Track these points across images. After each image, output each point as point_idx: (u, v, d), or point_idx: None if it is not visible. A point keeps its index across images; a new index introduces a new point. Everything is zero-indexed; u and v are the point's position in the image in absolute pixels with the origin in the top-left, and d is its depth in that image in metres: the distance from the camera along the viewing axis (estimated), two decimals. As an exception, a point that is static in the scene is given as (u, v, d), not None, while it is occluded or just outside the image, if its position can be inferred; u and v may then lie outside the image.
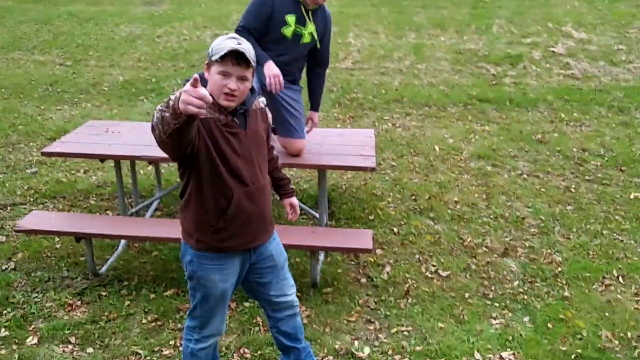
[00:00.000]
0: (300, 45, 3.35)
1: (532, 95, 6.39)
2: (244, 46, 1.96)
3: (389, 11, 9.72)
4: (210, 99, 1.67)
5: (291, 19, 3.26)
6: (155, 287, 3.29)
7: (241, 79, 1.98)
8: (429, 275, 3.45)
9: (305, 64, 3.56)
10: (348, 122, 5.78)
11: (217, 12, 9.64)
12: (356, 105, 6.20)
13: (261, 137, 2.19)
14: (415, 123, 5.76)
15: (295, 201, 2.52)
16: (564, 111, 6.00)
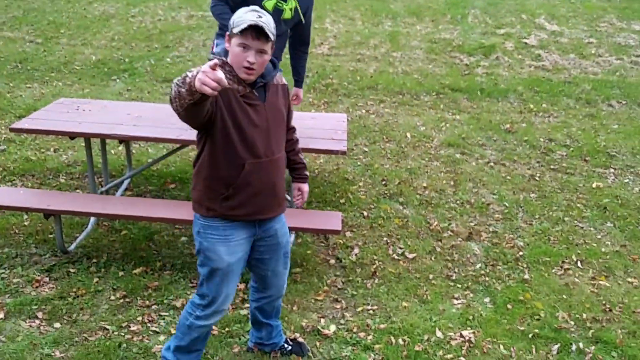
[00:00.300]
0: (280, 21, 3.32)
1: (503, 85, 6.52)
2: (264, 19, 1.97)
3: (367, -2, 9.75)
4: (225, 83, 1.70)
5: None
6: (124, 265, 3.30)
7: (260, 52, 2.00)
8: (396, 257, 3.54)
9: (285, 44, 3.56)
10: (322, 108, 5.81)
11: (194, -6, 9.54)
12: (331, 91, 6.23)
13: (280, 112, 2.21)
14: (388, 110, 5.83)
15: (305, 187, 2.51)
16: (533, 102, 6.14)
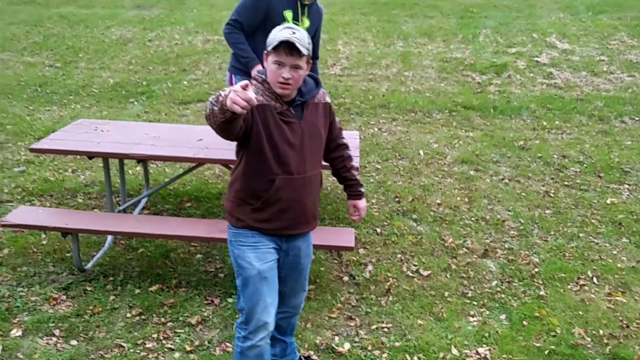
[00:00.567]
0: None
1: (516, 103, 6.53)
2: (298, 35, 2.02)
3: (378, 20, 9.86)
4: (255, 102, 1.76)
5: (289, 15, 3.34)
6: (140, 283, 3.33)
7: (295, 68, 2.05)
8: (410, 274, 3.53)
9: None
10: (335, 127, 5.85)
11: (209, 18, 9.74)
12: (343, 110, 6.29)
13: (317, 130, 2.23)
14: (401, 128, 5.86)
15: (361, 203, 2.51)
16: (546, 119, 6.14)
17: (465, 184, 4.69)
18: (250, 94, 1.74)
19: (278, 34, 2.03)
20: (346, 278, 3.47)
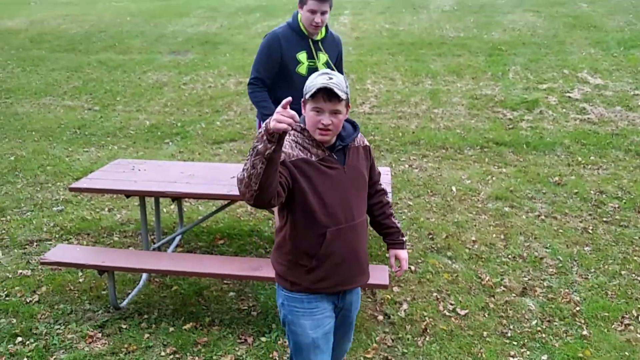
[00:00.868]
0: None
1: (549, 139, 6.44)
2: (335, 80, 2.00)
3: (406, 59, 9.96)
4: (297, 118, 1.77)
5: (302, 57, 3.38)
6: (174, 321, 3.34)
7: (334, 113, 2.03)
8: (447, 313, 3.45)
9: None
10: (366, 164, 5.86)
11: (241, 62, 9.99)
12: (373, 147, 6.31)
13: (361, 174, 2.18)
14: (431, 164, 5.84)
15: (403, 254, 2.37)
16: (581, 155, 6.03)
17: (500, 221, 4.61)
18: (292, 112, 1.74)
19: (315, 81, 2.01)
20: (381, 317, 3.41)
